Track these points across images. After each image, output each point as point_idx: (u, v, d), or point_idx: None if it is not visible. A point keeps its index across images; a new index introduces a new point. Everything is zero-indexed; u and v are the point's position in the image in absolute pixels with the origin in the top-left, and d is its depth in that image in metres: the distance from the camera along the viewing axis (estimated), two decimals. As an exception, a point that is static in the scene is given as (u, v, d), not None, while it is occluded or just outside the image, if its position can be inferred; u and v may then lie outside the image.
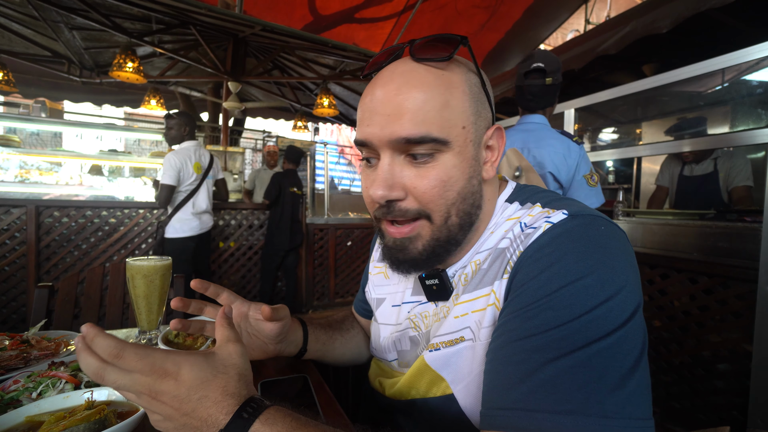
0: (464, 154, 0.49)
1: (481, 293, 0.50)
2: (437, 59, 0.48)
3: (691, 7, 2.04)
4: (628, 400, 0.36)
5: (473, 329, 0.50)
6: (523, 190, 0.58)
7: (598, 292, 0.39)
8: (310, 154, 5.00)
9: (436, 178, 0.48)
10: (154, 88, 5.09)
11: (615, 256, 0.42)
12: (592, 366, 0.37)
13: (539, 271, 0.43)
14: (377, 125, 0.48)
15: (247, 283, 3.58)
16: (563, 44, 3.44)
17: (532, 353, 0.39)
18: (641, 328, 0.40)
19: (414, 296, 0.62)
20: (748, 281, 1.42)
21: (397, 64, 0.50)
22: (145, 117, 12.99)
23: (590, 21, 5.21)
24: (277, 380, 0.67)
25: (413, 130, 0.46)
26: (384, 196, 0.48)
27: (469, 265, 0.54)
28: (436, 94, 0.47)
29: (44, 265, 2.76)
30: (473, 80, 0.51)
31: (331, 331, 0.76)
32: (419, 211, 0.49)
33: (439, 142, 0.47)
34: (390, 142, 0.48)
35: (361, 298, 0.81)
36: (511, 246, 0.49)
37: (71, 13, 3.22)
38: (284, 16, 4.68)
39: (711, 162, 2.26)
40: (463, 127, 0.49)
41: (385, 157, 0.49)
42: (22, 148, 3.79)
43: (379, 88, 0.49)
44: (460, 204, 0.50)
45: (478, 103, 0.50)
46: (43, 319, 1.05)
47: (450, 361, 0.52)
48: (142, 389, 0.38)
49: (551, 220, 0.46)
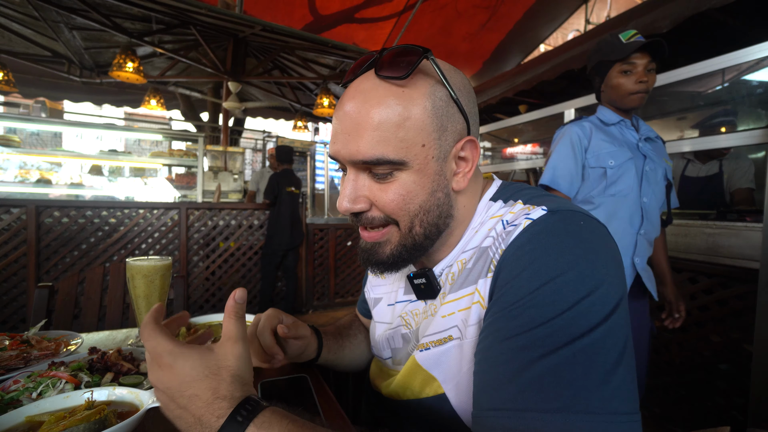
0: (425, 171, 0.49)
1: (465, 292, 0.51)
2: (395, 77, 0.47)
3: (691, 7, 2.04)
4: (614, 395, 0.37)
5: (460, 327, 0.50)
6: (507, 187, 0.58)
7: (579, 287, 0.40)
8: (310, 154, 5.00)
9: (395, 192, 0.49)
10: (154, 88, 5.09)
11: (595, 250, 0.43)
12: (577, 362, 0.37)
13: (521, 269, 0.43)
14: (340, 143, 0.50)
15: (247, 283, 3.58)
16: (563, 44, 3.44)
17: (519, 352, 0.40)
18: (625, 321, 0.41)
19: (405, 295, 0.64)
20: (748, 281, 1.42)
21: (361, 81, 0.50)
22: (145, 117, 13.02)
23: (590, 21, 5.21)
24: (277, 380, 0.67)
25: (369, 152, 0.47)
26: (348, 208, 0.51)
27: (455, 263, 0.55)
28: (393, 114, 0.46)
29: (44, 265, 2.76)
30: (439, 94, 0.49)
31: (341, 339, 0.77)
32: (386, 218, 0.51)
33: (395, 163, 0.47)
34: (350, 162, 0.50)
35: (362, 299, 0.82)
36: (493, 244, 0.49)
37: (71, 13, 3.22)
38: (284, 16, 4.68)
39: (716, 163, 2.26)
40: (423, 145, 0.48)
41: (351, 173, 0.52)
42: (22, 148, 3.79)
43: (344, 104, 0.50)
44: (423, 216, 0.51)
45: (443, 117, 0.49)
46: (43, 319, 1.05)
47: (440, 360, 0.53)
48: (149, 370, 0.43)
49: (531, 217, 0.46)
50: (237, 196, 4.44)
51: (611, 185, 1.24)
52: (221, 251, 3.41)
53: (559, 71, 2.85)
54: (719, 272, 1.53)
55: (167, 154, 4.09)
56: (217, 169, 4.49)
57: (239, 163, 4.67)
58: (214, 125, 5.99)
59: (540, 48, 5.97)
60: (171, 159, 4.05)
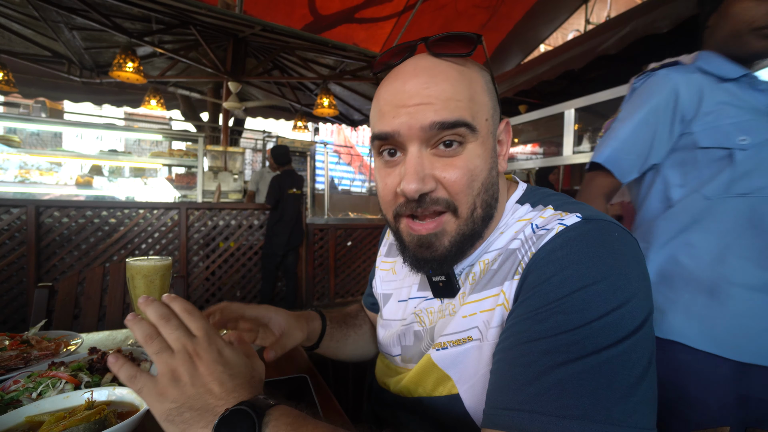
0: (486, 145, 0.50)
1: (489, 293, 0.50)
2: (457, 55, 0.49)
3: (691, 7, 2.04)
4: (635, 409, 0.36)
5: (481, 329, 0.50)
6: (535, 192, 0.57)
7: (611, 298, 0.39)
8: (310, 154, 5.00)
9: (464, 167, 0.48)
10: (154, 88, 5.09)
11: (628, 262, 0.42)
12: (601, 373, 0.37)
13: (552, 274, 0.42)
14: (406, 115, 0.47)
15: (247, 283, 3.58)
16: (563, 44, 3.44)
17: (541, 356, 0.39)
18: (651, 336, 0.40)
19: (420, 292, 0.62)
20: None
21: (418, 59, 0.50)
22: (145, 117, 13.01)
23: (590, 21, 5.21)
24: (277, 380, 0.67)
25: (447, 115, 0.46)
26: (418, 189, 0.47)
27: (477, 264, 0.54)
28: (462, 88, 0.48)
29: (44, 265, 2.76)
30: (487, 77, 0.52)
31: (346, 328, 0.77)
32: (448, 202, 0.49)
33: (470, 127, 0.47)
34: (422, 129, 0.47)
35: (369, 293, 0.81)
36: (522, 247, 0.48)
37: (71, 13, 3.22)
38: (284, 16, 4.68)
39: None
40: (486, 119, 0.50)
41: (413, 149, 0.48)
42: (22, 148, 3.79)
43: (405, 82, 0.48)
44: (483, 194, 0.50)
45: (493, 98, 0.52)
46: (43, 319, 1.05)
47: (457, 360, 0.52)
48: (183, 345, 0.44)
49: (564, 223, 0.45)
50: (237, 196, 4.44)
51: (743, 178, 0.77)
52: (221, 251, 3.41)
53: (559, 71, 2.85)
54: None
55: (167, 154, 4.09)
56: (217, 169, 4.49)
57: (239, 163, 4.67)
58: (214, 125, 5.99)
59: (540, 48, 5.96)
60: (171, 159, 4.05)
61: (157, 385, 0.41)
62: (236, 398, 0.40)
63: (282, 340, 0.64)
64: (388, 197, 0.51)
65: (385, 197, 0.52)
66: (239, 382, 0.42)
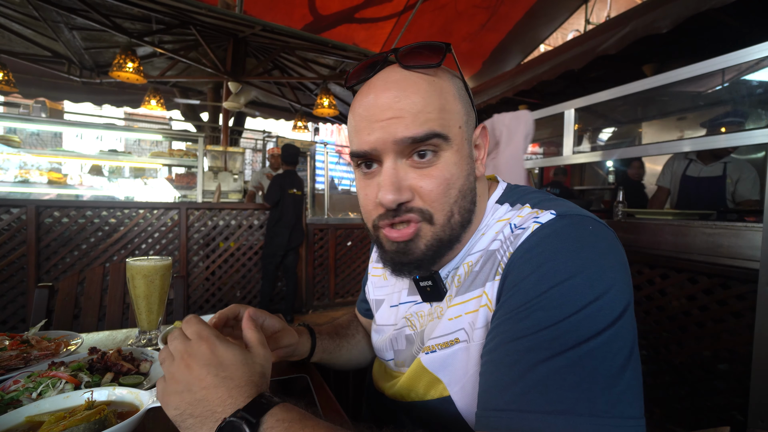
0: (462, 152, 0.51)
1: (473, 295, 0.51)
2: (427, 66, 0.50)
3: (691, 7, 2.04)
4: (619, 399, 0.37)
5: (467, 330, 0.50)
6: (514, 191, 0.58)
7: (588, 291, 0.40)
8: (310, 155, 5.00)
9: (440, 176, 0.49)
10: (154, 88, 5.09)
11: (603, 255, 0.43)
12: (583, 366, 0.37)
13: (529, 272, 0.43)
14: (380, 130, 0.48)
15: (247, 283, 3.58)
16: (563, 44, 3.44)
17: (525, 354, 0.40)
18: (631, 326, 0.41)
19: (410, 296, 0.63)
20: (748, 281, 1.42)
21: (388, 72, 0.51)
22: (145, 117, 13.02)
23: (590, 21, 5.21)
24: (277, 380, 0.67)
25: (416, 129, 0.47)
26: (395, 199, 0.48)
27: (461, 266, 0.55)
28: (432, 99, 0.49)
29: (44, 265, 2.76)
30: (458, 84, 0.53)
31: (338, 339, 0.77)
32: (423, 211, 0.50)
33: (443, 137, 0.48)
34: (395, 143, 0.48)
35: (362, 299, 0.82)
36: (501, 248, 0.49)
37: (71, 13, 3.22)
38: (284, 16, 4.68)
39: (720, 165, 2.26)
40: (459, 127, 0.51)
41: (389, 162, 0.49)
42: (22, 148, 3.79)
43: (377, 96, 0.49)
44: (461, 201, 0.51)
45: (466, 105, 0.53)
46: (43, 319, 1.05)
47: (446, 362, 0.52)
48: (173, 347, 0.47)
49: (539, 221, 0.46)
50: (237, 196, 4.44)
51: None
52: (221, 251, 3.41)
53: (559, 71, 2.85)
54: (719, 272, 1.52)
55: (167, 154, 4.09)
56: (217, 169, 4.49)
57: (239, 163, 4.67)
58: (214, 125, 5.99)
59: (540, 48, 5.97)
60: (171, 159, 4.05)
61: (162, 393, 0.44)
62: (233, 405, 0.41)
63: (277, 335, 0.65)
64: (369, 207, 0.53)
65: (366, 207, 0.54)
66: (235, 384, 0.42)
